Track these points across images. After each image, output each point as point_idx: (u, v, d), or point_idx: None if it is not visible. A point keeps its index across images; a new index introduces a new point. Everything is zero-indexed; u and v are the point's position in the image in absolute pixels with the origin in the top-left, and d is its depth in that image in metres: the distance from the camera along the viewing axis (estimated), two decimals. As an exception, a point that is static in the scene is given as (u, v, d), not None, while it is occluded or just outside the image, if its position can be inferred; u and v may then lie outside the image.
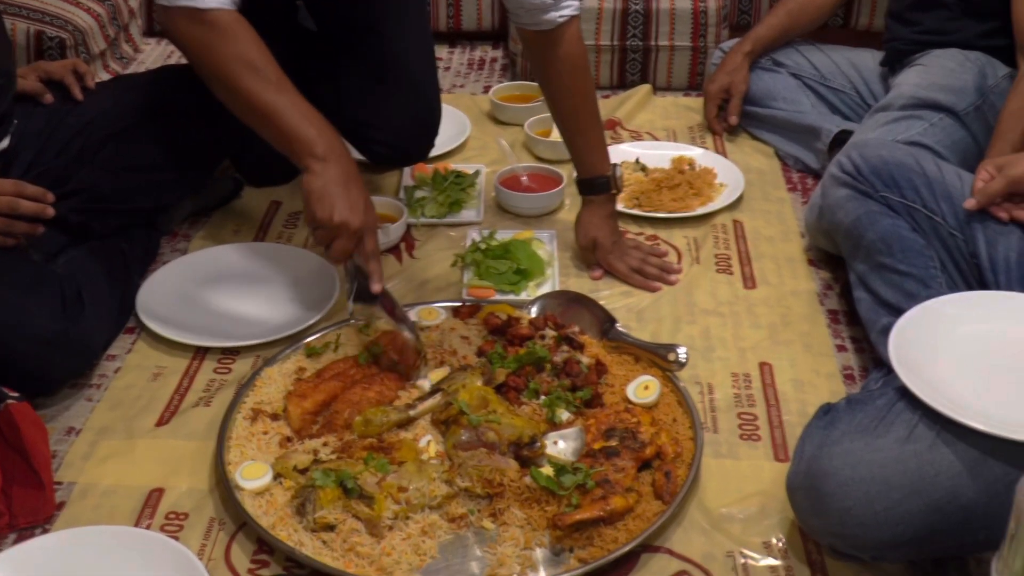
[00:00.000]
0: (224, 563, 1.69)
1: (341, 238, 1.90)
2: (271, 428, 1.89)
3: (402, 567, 1.65)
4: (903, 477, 1.54)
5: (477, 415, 1.83)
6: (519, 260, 2.28)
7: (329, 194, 1.88)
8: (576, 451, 1.82)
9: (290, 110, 1.92)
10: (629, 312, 2.23)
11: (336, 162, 1.90)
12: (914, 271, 1.98)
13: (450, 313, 2.16)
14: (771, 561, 1.69)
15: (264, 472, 1.78)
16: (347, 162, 1.93)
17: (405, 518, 1.71)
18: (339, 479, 1.71)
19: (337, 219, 1.87)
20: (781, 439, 1.92)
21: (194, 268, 2.33)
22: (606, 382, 1.97)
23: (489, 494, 1.74)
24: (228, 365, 2.10)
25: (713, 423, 1.95)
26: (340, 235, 1.89)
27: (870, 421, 1.62)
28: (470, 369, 1.95)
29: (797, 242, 2.47)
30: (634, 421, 1.84)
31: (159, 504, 1.79)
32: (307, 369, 2.02)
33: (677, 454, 1.81)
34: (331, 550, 1.67)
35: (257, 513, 1.72)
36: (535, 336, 2.04)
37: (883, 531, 1.55)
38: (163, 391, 2.04)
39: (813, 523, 1.63)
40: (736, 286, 2.32)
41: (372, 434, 1.84)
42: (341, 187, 1.89)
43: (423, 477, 1.74)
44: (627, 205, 2.55)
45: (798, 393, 2.02)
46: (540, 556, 1.68)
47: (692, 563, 1.69)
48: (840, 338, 2.17)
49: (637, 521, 1.71)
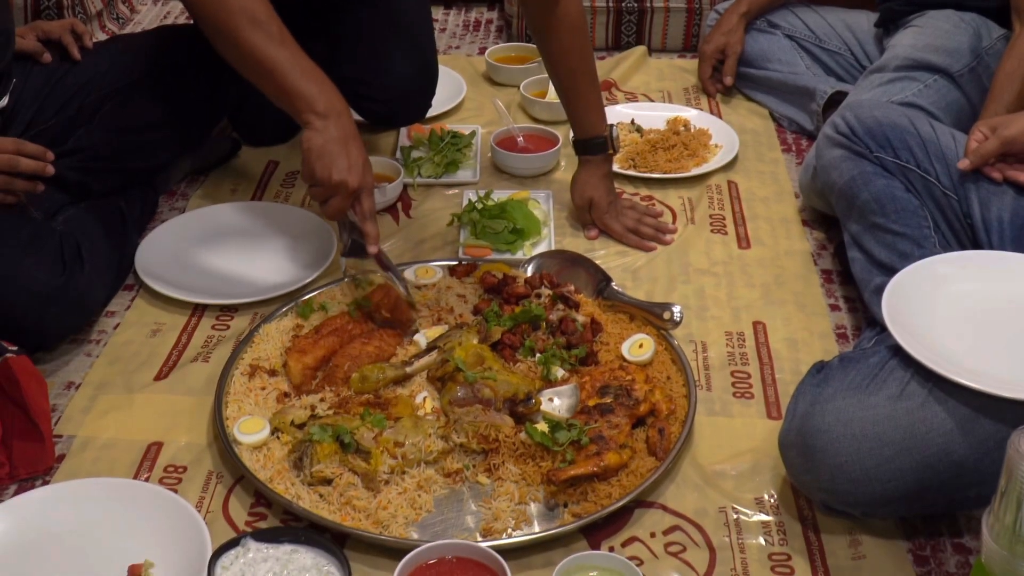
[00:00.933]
0: (222, 515, 1.69)
1: (338, 196, 1.90)
2: (269, 384, 1.88)
3: (398, 521, 1.65)
4: (895, 434, 1.54)
5: (473, 372, 1.82)
6: (515, 219, 2.27)
7: (329, 152, 1.87)
8: (571, 408, 1.82)
9: (292, 66, 1.90)
10: (624, 271, 2.23)
11: (337, 120, 1.89)
12: (908, 231, 1.97)
13: (446, 272, 2.15)
14: (763, 517, 1.69)
15: (262, 427, 1.77)
16: (348, 121, 1.91)
17: (401, 473, 1.71)
18: (336, 434, 1.71)
19: (336, 178, 1.87)
20: (774, 397, 1.91)
21: (192, 226, 2.32)
22: (601, 340, 1.97)
23: (484, 450, 1.74)
24: (226, 322, 2.09)
25: (707, 381, 1.95)
26: (337, 193, 1.89)
27: (863, 379, 1.61)
28: (466, 327, 1.94)
29: (791, 202, 2.46)
30: (628, 379, 1.84)
31: (158, 457, 1.79)
32: (304, 326, 2.01)
33: (671, 411, 1.81)
34: (328, 503, 1.67)
35: (255, 467, 1.72)
36: (531, 295, 2.04)
37: (874, 487, 1.55)
38: (162, 347, 2.03)
39: (805, 479, 1.63)
40: (730, 246, 2.31)
41: (369, 390, 1.84)
42: (341, 145, 1.88)
43: (419, 432, 1.74)
44: (622, 166, 2.54)
45: (791, 352, 2.02)
46: (534, 511, 1.68)
47: (685, 518, 1.69)
48: (833, 297, 2.17)
49: (631, 477, 1.70)
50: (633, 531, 1.66)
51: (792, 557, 1.63)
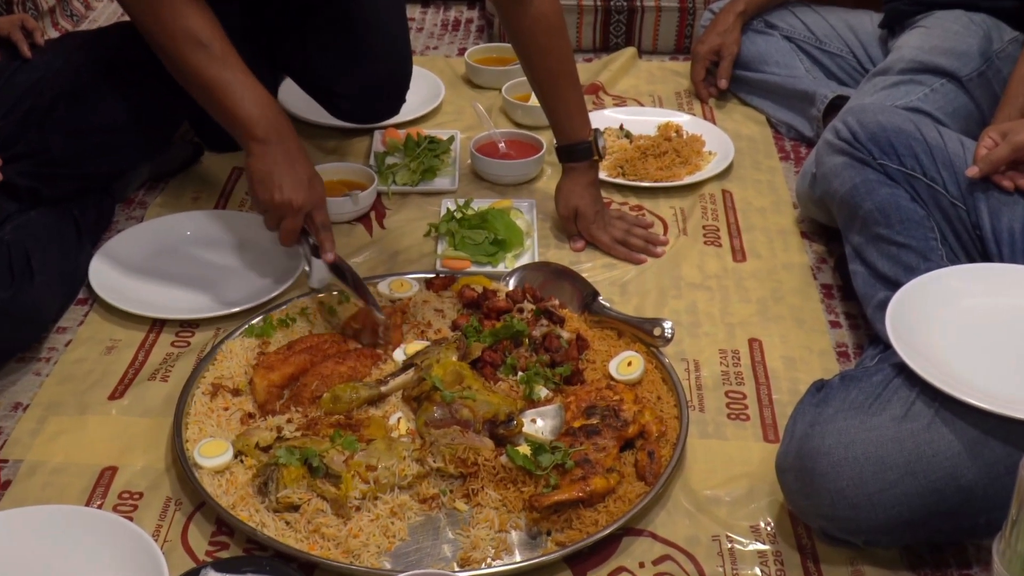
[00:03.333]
0: (181, 544, 1.68)
1: (287, 217, 1.95)
2: (232, 404, 1.88)
3: (370, 550, 1.64)
4: (899, 457, 1.55)
5: (451, 391, 1.82)
6: (496, 230, 2.27)
7: (270, 175, 1.93)
8: (555, 429, 1.82)
9: (233, 88, 1.95)
10: (612, 285, 2.23)
11: (279, 142, 1.95)
12: (913, 243, 1.97)
13: (423, 285, 2.15)
14: (759, 546, 1.69)
15: (224, 449, 1.77)
16: (290, 141, 1.97)
17: (373, 498, 1.71)
18: (304, 457, 1.70)
19: (278, 198, 1.93)
20: (771, 419, 1.92)
21: (151, 236, 2.32)
22: (587, 358, 1.97)
23: (462, 474, 1.74)
24: (186, 338, 2.08)
25: (699, 402, 1.95)
26: (286, 214, 1.95)
27: (865, 398, 1.62)
28: (445, 343, 1.94)
29: (789, 213, 2.47)
30: (616, 399, 1.84)
31: (112, 483, 1.78)
32: (271, 343, 2.01)
33: (661, 433, 1.81)
34: (295, 531, 1.66)
35: (216, 492, 1.71)
36: (512, 309, 2.04)
37: (877, 514, 1.56)
38: (117, 365, 2.02)
39: (804, 505, 1.63)
40: (725, 259, 2.32)
41: (340, 411, 1.84)
42: (284, 166, 1.94)
43: (393, 455, 1.73)
44: (611, 174, 2.55)
45: (789, 371, 2.02)
46: (516, 539, 1.67)
47: (676, 547, 1.69)
48: (834, 314, 2.18)
49: (618, 503, 1.70)
50: (621, 561, 1.66)
51: (790, 588, 1.63)
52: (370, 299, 2.00)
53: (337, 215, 2.36)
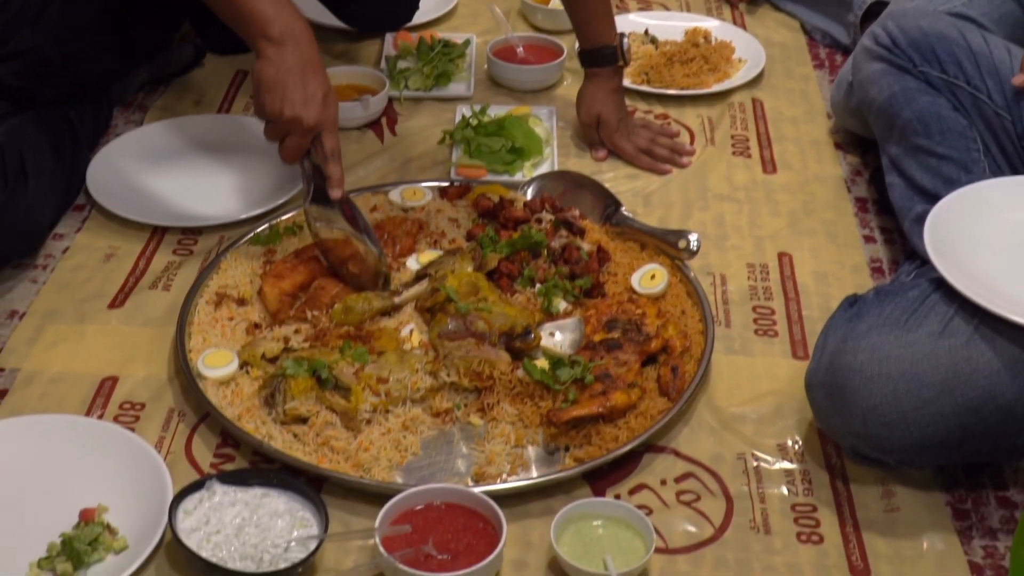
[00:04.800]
0: (184, 456, 1.69)
1: (294, 135, 1.83)
2: (237, 314, 1.88)
3: (381, 464, 1.65)
4: (935, 374, 1.55)
5: (466, 303, 1.82)
6: (514, 138, 2.26)
7: (281, 83, 1.80)
8: (574, 343, 1.82)
9: None
10: (635, 196, 2.22)
11: (294, 47, 1.82)
12: (954, 154, 1.97)
13: (437, 194, 2.15)
14: (786, 464, 1.70)
15: (229, 360, 1.78)
16: (307, 47, 1.84)
17: (384, 412, 1.71)
18: (312, 368, 1.71)
19: (288, 113, 1.80)
20: (800, 335, 1.92)
21: (151, 141, 2.31)
22: (608, 270, 1.97)
23: (477, 388, 1.75)
24: (189, 247, 2.09)
25: (725, 317, 1.96)
26: (292, 131, 1.82)
27: (900, 313, 1.62)
28: (459, 253, 1.94)
29: (823, 123, 2.46)
30: (639, 312, 1.84)
31: (112, 393, 1.79)
32: (277, 252, 2.01)
33: (685, 348, 1.82)
34: (303, 444, 1.67)
35: (221, 403, 1.72)
36: (531, 220, 2.03)
37: (911, 432, 1.56)
38: (116, 273, 2.03)
39: (834, 423, 1.64)
40: (754, 170, 2.31)
41: (352, 322, 1.84)
42: (296, 76, 1.81)
43: (405, 368, 1.74)
44: (635, 81, 2.53)
45: (820, 287, 2.02)
46: (532, 455, 1.69)
47: (699, 465, 1.70)
48: (868, 228, 2.17)
49: (640, 419, 1.71)
50: (642, 478, 1.68)
51: (818, 508, 1.64)
52: (375, 244, 1.92)
53: (346, 120, 2.35)
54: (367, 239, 1.91)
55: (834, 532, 1.61)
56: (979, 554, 1.59)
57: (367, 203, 2.11)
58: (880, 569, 1.56)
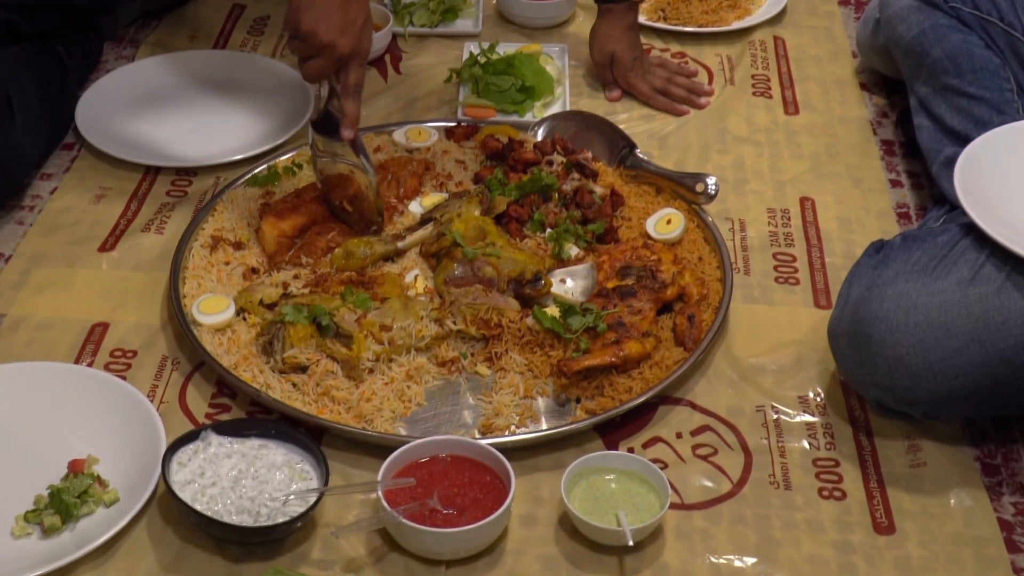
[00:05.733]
0: (178, 406, 1.69)
1: (322, 59, 1.78)
2: (233, 258, 1.88)
3: (384, 415, 1.65)
4: (965, 323, 1.54)
5: (473, 248, 1.82)
6: (524, 76, 2.25)
7: (322, 3, 1.74)
8: (586, 290, 1.82)
9: None
10: (651, 138, 2.21)
11: None
12: (986, 94, 1.95)
13: (443, 134, 2.14)
14: (807, 418, 1.70)
15: (225, 306, 1.77)
16: None
17: (388, 360, 1.71)
18: (312, 315, 1.71)
19: (324, 37, 1.74)
20: (823, 283, 1.92)
21: (143, 78, 2.30)
22: (622, 215, 1.96)
23: (485, 336, 1.74)
24: (183, 188, 2.08)
25: (745, 264, 1.95)
26: (322, 55, 1.77)
27: (929, 260, 1.61)
28: (466, 196, 1.93)
29: (848, 62, 2.44)
30: (654, 259, 1.83)
31: (103, 340, 1.79)
32: (276, 193, 2.00)
33: (703, 296, 1.81)
34: (302, 394, 1.67)
35: (217, 351, 1.72)
36: (541, 162, 2.02)
37: (939, 384, 1.56)
38: (107, 215, 2.02)
39: (858, 374, 1.64)
40: (776, 111, 2.30)
41: (353, 267, 1.83)
42: None
43: (409, 315, 1.73)
44: (651, 17, 2.51)
45: (844, 232, 2.02)
46: (542, 406, 1.68)
47: (716, 417, 1.70)
48: (895, 172, 2.16)
49: (655, 369, 1.71)
50: (656, 431, 1.67)
51: (840, 463, 1.64)
52: (375, 181, 1.89)
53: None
54: (369, 170, 1.88)
55: (857, 488, 1.61)
56: (1009, 511, 1.59)
57: (370, 143, 2.10)
58: (905, 526, 1.56)
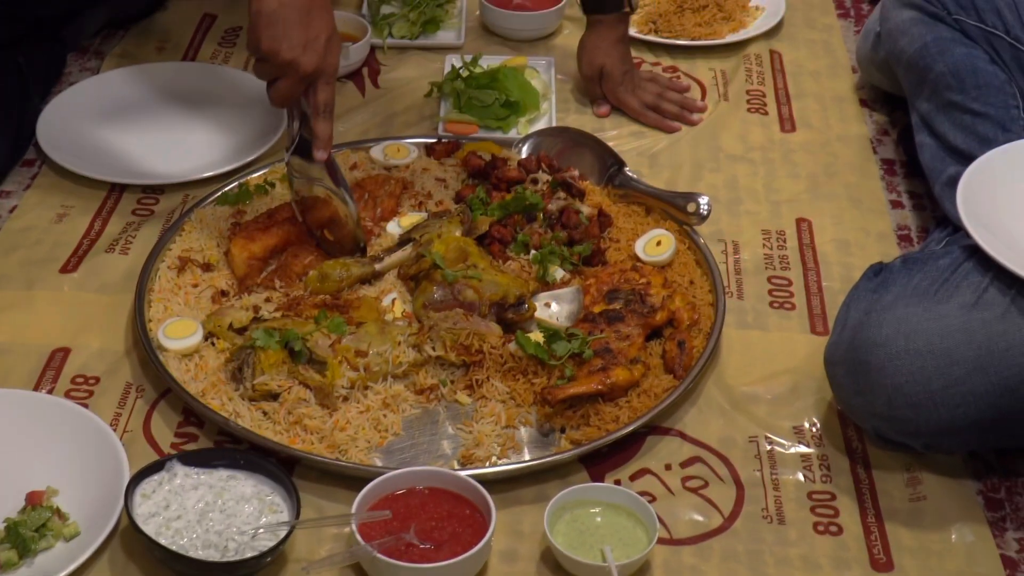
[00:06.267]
0: (143, 435, 1.68)
1: (288, 79, 1.77)
2: (202, 280, 1.87)
3: (358, 445, 1.64)
4: (967, 350, 1.54)
5: (454, 270, 1.81)
6: (508, 91, 2.25)
7: (283, 20, 1.73)
8: (572, 315, 1.82)
9: None
10: (641, 156, 2.21)
11: None
12: (991, 111, 1.96)
13: (423, 151, 2.13)
14: (802, 449, 1.70)
15: (192, 330, 1.77)
16: None
17: (363, 388, 1.70)
18: (284, 340, 1.70)
19: (286, 55, 1.73)
20: (820, 309, 1.92)
21: (108, 91, 2.30)
22: (610, 236, 1.96)
23: (465, 362, 1.74)
24: (149, 206, 2.07)
25: (738, 288, 1.95)
26: (287, 75, 1.77)
27: (930, 284, 1.61)
28: (446, 216, 1.93)
29: (847, 78, 2.44)
30: (643, 282, 1.83)
31: (64, 366, 1.78)
32: (247, 212, 1.99)
33: (694, 322, 1.81)
34: (273, 423, 1.66)
35: (184, 378, 1.71)
36: (525, 180, 2.02)
37: (940, 414, 1.55)
38: (70, 235, 2.02)
39: (855, 403, 1.63)
40: (771, 128, 2.31)
41: (328, 291, 1.83)
42: (300, 13, 1.74)
43: (386, 340, 1.73)
44: (642, 30, 2.52)
45: (842, 256, 2.02)
46: (525, 436, 1.68)
47: (707, 448, 1.69)
48: (895, 192, 2.17)
49: (643, 398, 1.70)
50: (644, 462, 1.67)
51: (837, 497, 1.63)
52: (353, 204, 1.89)
53: (324, 71, 2.33)
54: (348, 200, 1.88)
55: (854, 523, 1.60)
56: (1013, 547, 1.58)
57: (346, 160, 2.10)
58: (904, 563, 1.55)
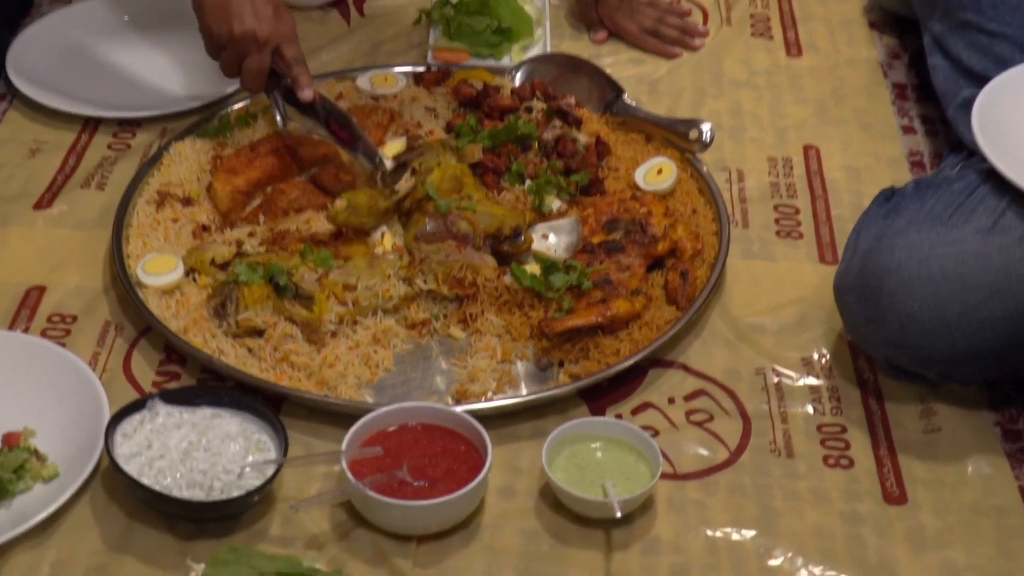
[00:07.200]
0: (123, 374, 1.70)
1: (251, 54, 1.86)
2: (182, 215, 1.89)
3: (348, 381, 1.66)
4: (984, 275, 1.55)
5: (447, 200, 1.82)
6: (500, 16, 2.25)
7: (225, 3, 1.84)
8: (570, 246, 1.83)
9: None
10: (640, 82, 2.23)
11: None
12: (1008, 31, 1.96)
13: (411, 80, 2.14)
14: (811, 380, 1.71)
15: (173, 266, 1.78)
16: None
17: (352, 323, 1.72)
18: (269, 274, 1.71)
19: (238, 29, 1.83)
20: (828, 237, 1.93)
21: (82, 20, 2.31)
22: (608, 165, 1.97)
23: (459, 296, 1.75)
24: (126, 140, 2.09)
25: (743, 217, 1.97)
26: (249, 50, 1.86)
27: (944, 208, 1.62)
28: (436, 144, 1.93)
29: (855, 0, 2.45)
30: (643, 211, 1.84)
31: (39, 304, 1.80)
32: (228, 145, 2.01)
33: (697, 251, 1.82)
34: (258, 359, 1.68)
35: (164, 315, 1.73)
36: (519, 109, 2.03)
37: (955, 341, 1.57)
38: (43, 170, 2.03)
39: (866, 332, 1.65)
40: (776, 53, 2.32)
41: (357, 225, 1.82)
42: None
43: (375, 274, 1.74)
44: (640, -48, 2.52)
45: (852, 183, 2.03)
46: (521, 370, 1.69)
47: (712, 381, 1.71)
48: (907, 117, 2.18)
49: (645, 330, 1.72)
50: (646, 396, 1.69)
51: (848, 429, 1.65)
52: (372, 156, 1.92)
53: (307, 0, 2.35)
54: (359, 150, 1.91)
55: (866, 455, 1.62)
56: (1031, 479, 1.61)
57: (331, 90, 2.10)
58: (918, 496, 1.57)
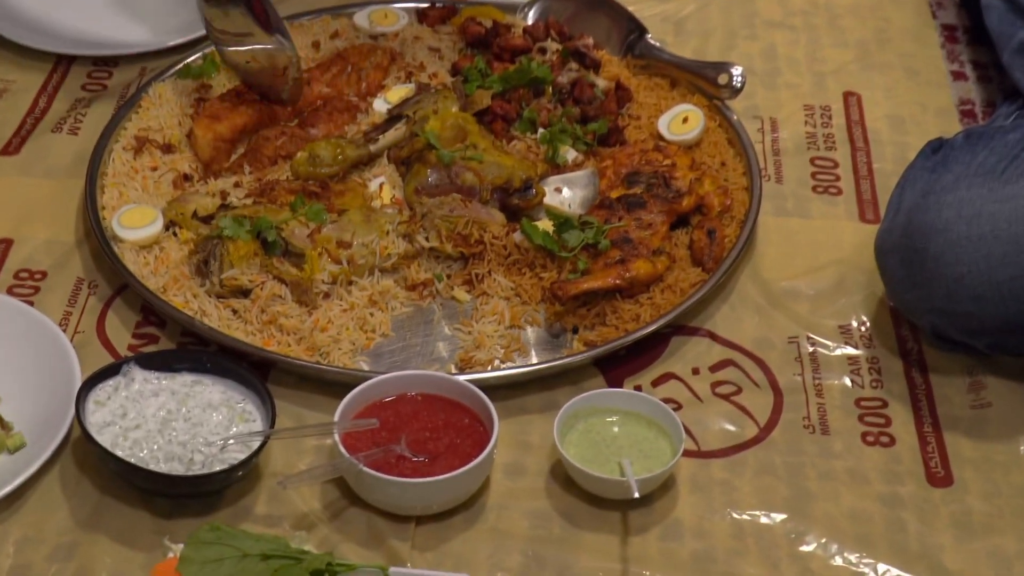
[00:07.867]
0: (96, 336, 1.69)
1: None
2: (162, 163, 1.87)
3: (342, 347, 1.64)
4: (1040, 236, 1.52)
5: (450, 150, 1.80)
6: (512, -52, 2.23)
7: None
8: (585, 201, 1.81)
9: None
10: (665, 22, 2.21)
11: None
12: (1071, -36, 1.94)
13: (414, 16, 2.13)
14: (848, 350, 1.69)
15: (152, 219, 1.76)
16: None
17: (347, 283, 1.70)
18: (256, 229, 1.69)
19: None
20: (869, 193, 1.91)
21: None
22: (629, 112, 1.96)
23: (463, 255, 1.73)
24: (102, 80, 2.08)
25: (776, 171, 1.94)
26: None
27: (997, 161, 1.60)
28: (443, 89, 1.92)
29: (902, -67, 2.43)
30: (667, 163, 1.82)
31: (6, 259, 1.79)
32: (213, 86, 1.99)
33: (725, 208, 1.80)
34: (244, 322, 1.66)
35: (142, 272, 1.71)
36: (532, 49, 2.01)
37: (1008, 308, 1.54)
38: (11, 113, 2.02)
39: (910, 298, 1.62)
40: (814, -9, 2.30)
41: (319, 176, 1.81)
42: None
43: (372, 229, 1.72)
44: None
45: (896, 133, 2.01)
46: (532, 337, 1.68)
47: (740, 350, 1.69)
48: (958, 62, 2.17)
49: (667, 294, 1.70)
50: (668, 366, 1.67)
51: (889, 404, 1.63)
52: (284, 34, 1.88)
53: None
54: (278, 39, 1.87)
55: (908, 432, 1.60)
56: (1089, 460, 1.58)
57: (326, 27, 2.09)
58: (965, 476, 1.55)
